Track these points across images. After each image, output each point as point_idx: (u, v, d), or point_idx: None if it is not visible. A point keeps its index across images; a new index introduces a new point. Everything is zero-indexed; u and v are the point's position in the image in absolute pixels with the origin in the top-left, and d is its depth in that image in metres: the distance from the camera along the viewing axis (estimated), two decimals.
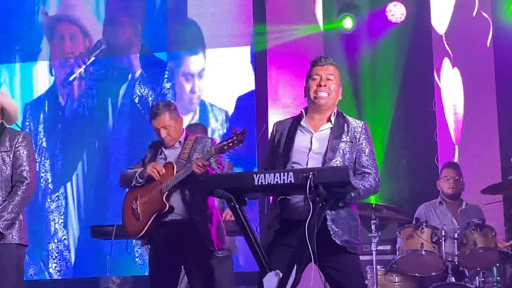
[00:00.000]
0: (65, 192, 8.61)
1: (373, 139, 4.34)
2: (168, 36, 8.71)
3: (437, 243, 6.10)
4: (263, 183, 3.87)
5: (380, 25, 8.35)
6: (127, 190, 5.36)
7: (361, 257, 6.88)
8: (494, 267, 6.17)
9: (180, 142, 5.24)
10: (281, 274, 3.86)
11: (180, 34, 8.67)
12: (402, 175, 8.02)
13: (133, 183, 5.19)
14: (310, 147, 4.19)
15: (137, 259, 8.06)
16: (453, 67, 8.18)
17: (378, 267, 6.28)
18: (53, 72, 8.86)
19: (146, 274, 7.79)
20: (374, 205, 6.56)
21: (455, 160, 7.79)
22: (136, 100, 8.64)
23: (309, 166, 4.09)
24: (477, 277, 6.19)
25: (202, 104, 8.55)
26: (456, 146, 8.01)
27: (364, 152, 4.22)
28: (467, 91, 8.09)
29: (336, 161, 4.14)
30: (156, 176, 5.06)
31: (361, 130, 4.25)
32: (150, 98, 8.60)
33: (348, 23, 8.44)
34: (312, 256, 3.81)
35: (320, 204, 3.84)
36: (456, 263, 6.06)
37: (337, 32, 8.41)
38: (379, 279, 6.28)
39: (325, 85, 4.22)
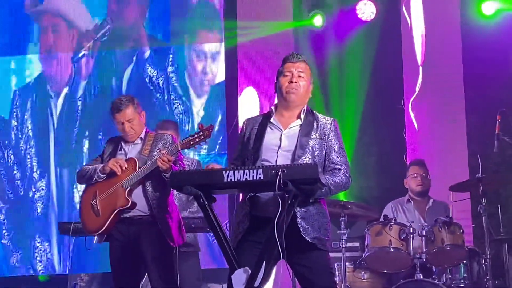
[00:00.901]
0: (49, 182, 8.58)
1: (342, 136, 4.34)
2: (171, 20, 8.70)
3: (405, 240, 6.12)
4: (233, 180, 3.86)
5: (350, 23, 8.38)
6: (84, 186, 5.32)
7: (330, 254, 6.98)
8: (461, 264, 6.22)
9: (141, 138, 5.22)
10: (250, 271, 3.85)
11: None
12: (371, 172, 8.06)
13: (94, 179, 5.14)
14: (280, 145, 4.19)
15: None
16: (421, 64, 8.22)
17: (346, 264, 6.32)
18: (40, 61, 8.83)
19: None
20: (342, 202, 6.59)
21: (423, 157, 7.84)
22: (147, 80, 8.57)
23: (278, 164, 4.09)
24: (444, 274, 6.24)
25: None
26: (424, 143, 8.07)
27: (334, 148, 4.22)
28: (436, 89, 8.14)
29: (305, 158, 4.14)
30: (118, 171, 5.02)
31: (330, 127, 4.26)
32: (160, 79, 8.54)
33: (318, 20, 8.45)
34: (280, 253, 3.81)
35: (289, 201, 3.84)
36: (424, 260, 6.09)
37: (307, 29, 8.43)
38: (347, 276, 6.31)
39: (295, 82, 4.22)
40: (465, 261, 6.20)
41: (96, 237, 5.18)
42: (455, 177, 6.51)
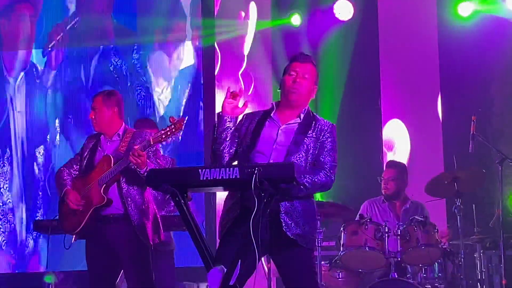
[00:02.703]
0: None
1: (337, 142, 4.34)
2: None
3: (380, 240, 6.13)
4: (209, 178, 3.84)
5: (328, 23, 8.40)
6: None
7: None
8: (436, 264, 6.25)
9: (118, 135, 5.19)
10: (225, 270, 3.85)
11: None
12: (347, 172, 8.06)
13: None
14: (276, 139, 4.21)
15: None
16: (398, 65, 8.27)
17: (322, 263, 6.32)
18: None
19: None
20: (318, 201, 6.59)
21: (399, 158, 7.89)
22: (111, 69, 8.59)
23: (272, 158, 4.13)
24: (419, 273, 6.27)
25: None
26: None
27: (325, 148, 4.23)
28: (412, 90, 8.18)
29: (299, 155, 4.16)
30: (76, 207, 5.03)
31: (327, 129, 4.26)
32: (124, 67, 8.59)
33: (296, 19, 8.47)
34: (256, 251, 3.81)
35: (265, 200, 3.83)
36: (399, 259, 6.11)
37: (285, 28, 8.43)
38: (323, 275, 6.32)
39: (299, 82, 4.24)
40: (439, 261, 6.23)
41: (73, 235, 5.16)
42: (431, 177, 6.53)
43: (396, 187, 6.82)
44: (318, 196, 7.81)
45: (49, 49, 8.76)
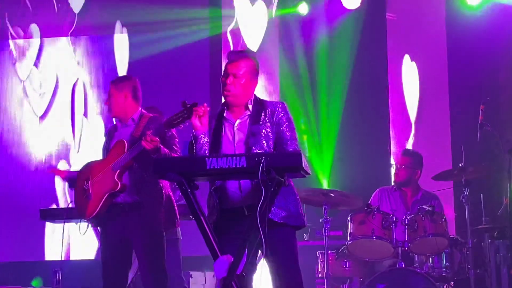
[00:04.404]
0: None
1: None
2: None
3: (388, 229, 6.12)
4: (215, 167, 3.84)
5: (335, 11, 8.35)
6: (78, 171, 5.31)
7: (313, 242, 6.98)
8: (444, 253, 6.23)
9: (133, 119, 5.17)
10: (232, 258, 3.84)
11: None
12: (354, 161, 8.05)
13: None
14: (234, 137, 4.27)
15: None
16: (406, 55, 8.23)
17: (329, 252, 6.31)
18: None
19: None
20: (325, 190, 6.57)
21: (406, 147, 7.87)
22: None
23: None
24: (426, 263, 6.25)
25: None
26: (412, 131, 8.09)
27: (282, 125, 4.28)
28: (420, 79, 8.15)
29: (260, 144, 4.20)
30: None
31: (278, 109, 4.31)
32: None
33: (303, 8, 8.43)
34: (263, 240, 3.80)
35: (272, 189, 3.83)
36: (406, 248, 6.10)
37: (293, 17, 8.40)
38: (330, 264, 6.30)
39: (231, 83, 4.27)
40: (447, 250, 6.21)
41: (88, 222, 5.15)
42: (438, 167, 6.51)
43: (407, 175, 6.77)
44: (324, 184, 7.80)
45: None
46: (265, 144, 4.22)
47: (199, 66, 8.36)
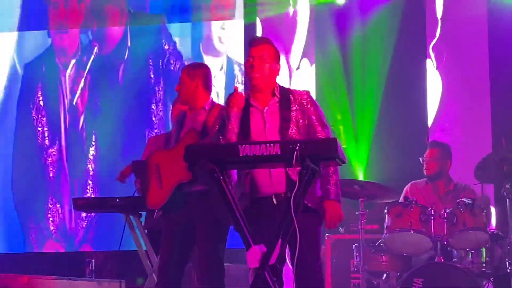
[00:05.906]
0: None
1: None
2: None
3: (426, 223, 6.00)
4: (249, 154, 3.75)
5: (372, 1, 8.25)
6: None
7: (349, 236, 6.87)
8: (483, 248, 6.08)
9: (204, 108, 5.06)
10: (265, 249, 3.74)
11: None
12: (391, 153, 7.94)
13: None
14: (265, 123, 4.29)
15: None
16: (445, 49, 8.10)
17: (365, 246, 6.20)
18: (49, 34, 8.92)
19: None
20: (361, 182, 6.47)
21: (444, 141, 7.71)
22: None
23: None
24: (466, 258, 6.11)
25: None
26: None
27: (313, 115, 4.35)
28: (458, 71, 8.01)
29: (292, 130, 4.26)
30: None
31: (306, 98, 4.38)
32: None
33: None
34: (297, 231, 3.70)
35: (306, 177, 3.72)
36: (445, 243, 5.98)
37: (328, 7, 8.30)
38: (366, 259, 6.20)
39: (257, 65, 4.31)
40: (487, 245, 6.06)
41: (157, 211, 5.04)
42: (478, 157, 6.36)
43: (438, 167, 6.62)
44: (360, 176, 7.70)
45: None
46: (295, 130, 4.25)
47: None
